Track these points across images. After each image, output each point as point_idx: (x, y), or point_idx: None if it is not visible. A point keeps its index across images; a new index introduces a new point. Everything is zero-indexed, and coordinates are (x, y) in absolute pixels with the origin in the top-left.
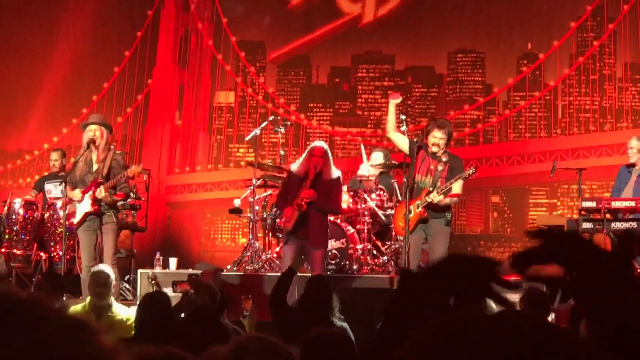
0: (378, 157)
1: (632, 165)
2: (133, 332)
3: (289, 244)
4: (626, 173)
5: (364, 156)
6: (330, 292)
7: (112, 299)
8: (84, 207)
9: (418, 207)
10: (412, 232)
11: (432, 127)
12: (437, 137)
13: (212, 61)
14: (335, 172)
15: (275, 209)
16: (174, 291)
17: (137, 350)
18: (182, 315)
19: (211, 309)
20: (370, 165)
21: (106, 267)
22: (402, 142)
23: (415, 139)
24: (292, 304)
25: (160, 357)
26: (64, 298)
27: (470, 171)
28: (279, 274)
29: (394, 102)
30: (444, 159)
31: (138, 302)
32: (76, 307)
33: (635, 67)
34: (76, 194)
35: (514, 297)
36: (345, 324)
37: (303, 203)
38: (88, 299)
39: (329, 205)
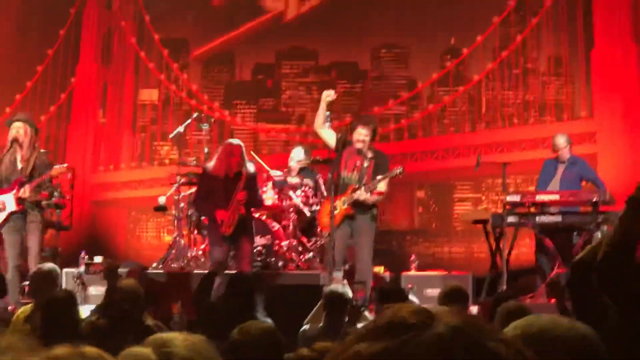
0: (298, 152)
1: (557, 159)
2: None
3: (221, 244)
4: (551, 167)
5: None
6: (252, 289)
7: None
8: (8, 206)
9: (344, 204)
10: (338, 228)
11: (356, 124)
12: (361, 134)
13: (136, 59)
14: (252, 167)
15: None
16: (87, 272)
17: (52, 353)
18: (105, 316)
19: (134, 311)
20: (295, 162)
21: (53, 265)
22: (330, 138)
23: (339, 135)
24: (215, 300)
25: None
26: None
27: (398, 171)
28: (205, 271)
29: (327, 98)
30: (370, 155)
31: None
32: (25, 309)
33: (558, 61)
34: (1, 199)
35: (434, 291)
36: (269, 320)
37: (242, 206)
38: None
39: (255, 201)
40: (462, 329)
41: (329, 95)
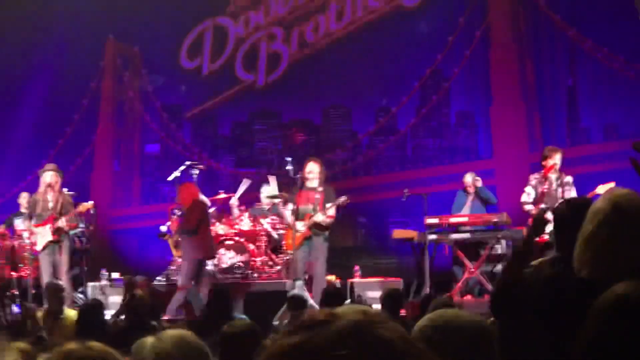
0: (266, 190)
1: (467, 191)
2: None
3: None
4: (463, 196)
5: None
6: (228, 297)
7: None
8: (46, 236)
9: (303, 228)
10: (299, 248)
11: (308, 163)
12: (312, 171)
13: (142, 121)
14: (189, 199)
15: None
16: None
17: (65, 348)
18: (123, 317)
19: (143, 313)
20: (264, 196)
21: (58, 281)
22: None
23: (297, 180)
24: (200, 309)
25: (83, 352)
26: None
27: (342, 199)
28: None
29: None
30: (320, 189)
31: (79, 307)
32: (38, 313)
33: (465, 114)
34: (39, 231)
35: (377, 294)
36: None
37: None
38: (45, 305)
39: (184, 228)
40: (358, 322)
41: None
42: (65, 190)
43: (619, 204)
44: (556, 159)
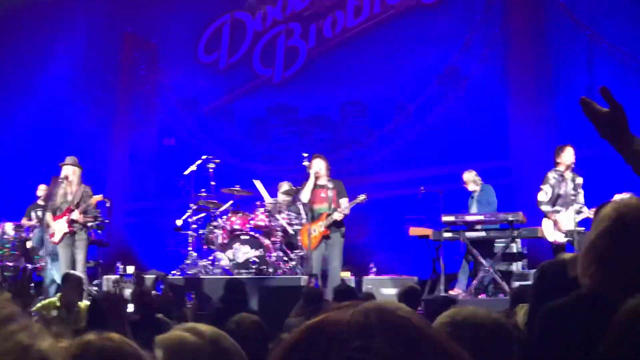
0: (283, 185)
1: (468, 189)
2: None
3: None
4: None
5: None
6: (244, 291)
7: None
8: (62, 228)
9: (321, 227)
10: (316, 247)
11: (314, 159)
12: (320, 168)
13: (158, 114)
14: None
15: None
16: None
17: (85, 338)
18: (137, 312)
19: (152, 307)
20: (281, 192)
21: (77, 272)
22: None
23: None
24: (217, 300)
25: (101, 343)
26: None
27: (361, 197)
28: (212, 276)
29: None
30: (330, 185)
31: (90, 300)
32: (45, 301)
33: (482, 113)
34: (53, 224)
35: (391, 292)
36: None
37: None
38: (58, 295)
39: None
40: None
41: (317, 173)
42: (81, 182)
43: (624, 216)
44: (570, 155)
